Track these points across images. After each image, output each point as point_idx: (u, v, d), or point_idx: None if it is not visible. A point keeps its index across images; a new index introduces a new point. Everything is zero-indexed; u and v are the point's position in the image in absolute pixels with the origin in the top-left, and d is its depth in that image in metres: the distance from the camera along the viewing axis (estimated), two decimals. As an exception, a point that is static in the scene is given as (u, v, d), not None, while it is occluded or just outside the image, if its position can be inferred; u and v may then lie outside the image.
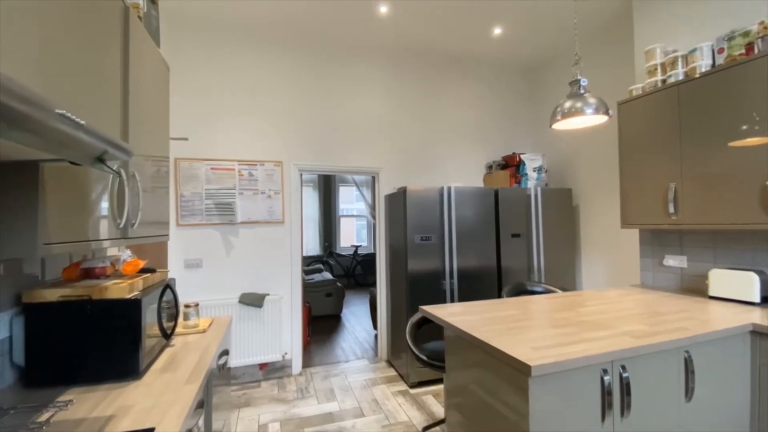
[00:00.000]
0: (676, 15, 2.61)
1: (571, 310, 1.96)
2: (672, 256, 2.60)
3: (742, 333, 1.70)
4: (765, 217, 1.90)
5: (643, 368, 1.45)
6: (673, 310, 1.93)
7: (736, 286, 2.10)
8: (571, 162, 3.87)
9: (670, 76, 2.38)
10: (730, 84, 2.03)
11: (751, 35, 2.05)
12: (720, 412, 1.63)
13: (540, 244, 3.51)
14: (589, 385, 1.35)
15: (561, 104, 1.99)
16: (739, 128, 2.00)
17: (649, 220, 2.46)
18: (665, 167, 2.36)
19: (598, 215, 3.56)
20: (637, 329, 1.59)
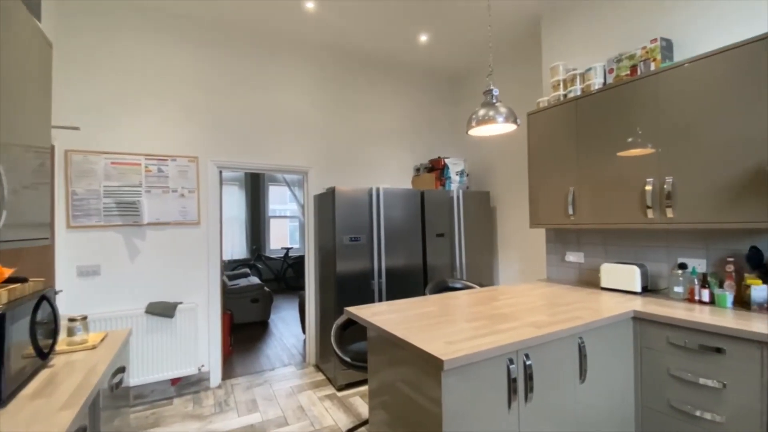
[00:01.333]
0: (577, 38, 2.93)
1: (486, 304, 2.09)
2: (572, 253, 2.91)
3: (626, 319, 1.95)
4: (644, 218, 2.20)
5: (544, 355, 1.58)
6: (571, 301, 2.15)
7: (622, 278, 2.40)
8: (490, 167, 4.15)
9: (571, 92, 2.66)
10: (618, 101, 2.33)
11: (635, 58, 2.37)
12: (609, 389, 1.85)
13: (462, 243, 3.70)
14: (497, 375, 1.43)
15: (476, 112, 2.10)
16: (626, 140, 2.29)
17: (553, 221, 2.72)
18: (566, 173, 2.63)
19: (512, 216, 3.86)
20: (540, 320, 1.74)
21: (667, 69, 2.09)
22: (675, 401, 1.81)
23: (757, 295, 1.88)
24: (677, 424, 1.80)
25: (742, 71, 1.80)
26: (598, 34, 2.77)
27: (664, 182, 2.09)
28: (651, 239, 2.44)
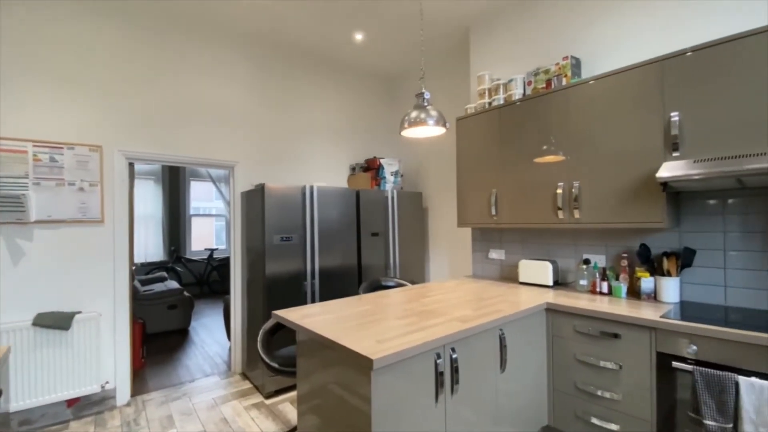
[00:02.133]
0: (501, 50, 3.13)
1: (416, 301, 2.13)
2: (495, 250, 3.11)
3: (540, 311, 2.12)
4: (556, 218, 2.42)
5: (469, 348, 1.66)
6: (494, 295, 2.29)
7: (537, 273, 2.62)
8: (422, 168, 4.28)
9: (495, 100, 2.84)
10: (536, 111, 2.53)
11: (550, 73, 2.60)
12: (526, 376, 2.00)
13: (396, 243, 3.76)
14: (425, 370, 1.46)
15: (408, 113, 2.14)
16: (541, 147, 2.50)
17: (478, 220, 2.88)
18: (490, 176, 2.80)
19: (443, 216, 4.02)
20: (465, 314, 1.82)
21: (575, 85, 2.32)
22: (580, 383, 2.01)
23: (645, 286, 2.17)
24: (582, 404, 2.01)
25: (635, 90, 2.07)
26: (520, 48, 3.00)
27: (572, 186, 2.32)
28: (561, 237, 2.70)
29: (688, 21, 2.14)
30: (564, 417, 2.08)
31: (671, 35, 2.20)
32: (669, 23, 2.21)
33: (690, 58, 1.87)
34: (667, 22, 2.22)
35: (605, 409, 1.92)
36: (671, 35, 2.20)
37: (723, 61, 1.78)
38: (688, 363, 1.65)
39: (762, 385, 1.44)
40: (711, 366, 1.60)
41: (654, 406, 1.76)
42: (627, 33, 2.39)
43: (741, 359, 1.53)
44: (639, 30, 2.33)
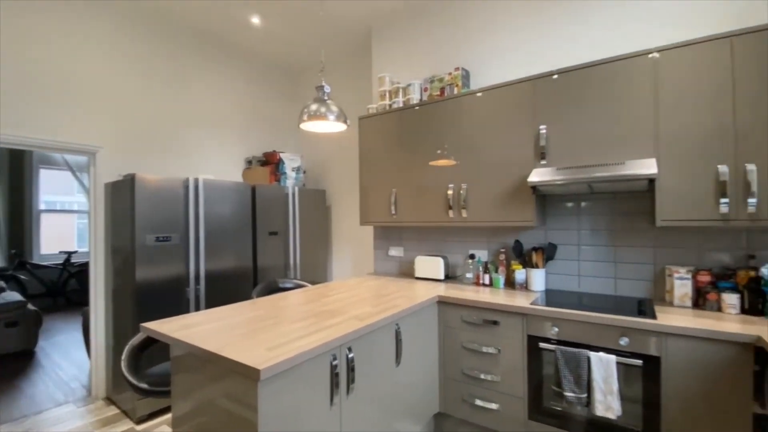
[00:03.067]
0: (401, 54, 3.23)
1: (316, 301, 2.05)
2: (394, 248, 3.20)
3: (432, 303, 2.23)
4: (447, 217, 2.58)
5: (366, 346, 1.65)
6: (392, 291, 2.34)
7: (431, 268, 2.77)
8: (326, 166, 4.20)
9: (395, 103, 2.91)
10: (432, 117, 2.66)
11: (444, 81, 2.76)
12: (419, 367, 2.08)
13: (296, 242, 3.61)
14: (320, 373, 1.40)
15: (308, 106, 2.06)
16: (436, 151, 2.64)
17: (379, 219, 2.92)
18: (390, 176, 2.86)
19: (346, 214, 4.00)
20: (364, 312, 1.81)
21: (464, 95, 2.51)
22: (466, 369, 2.18)
23: (518, 277, 2.45)
24: (468, 388, 2.17)
25: (512, 104, 2.32)
26: (417, 54, 3.13)
27: (461, 188, 2.51)
28: (452, 235, 2.90)
29: (559, 44, 2.48)
30: (453, 402, 2.23)
31: (546, 55, 2.53)
32: (545, 44, 2.54)
33: (556, 79, 2.17)
34: (544, 43, 2.54)
35: (487, 391, 2.11)
36: (546, 55, 2.53)
37: (580, 83, 2.10)
38: (552, 343, 1.91)
39: (608, 359, 1.73)
40: (569, 345, 1.87)
41: (526, 383, 1.99)
42: (510, 49, 2.67)
43: (591, 337, 1.83)
44: (520, 47, 2.63)
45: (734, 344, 1.51)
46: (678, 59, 1.84)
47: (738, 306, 1.78)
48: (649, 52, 1.90)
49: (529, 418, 1.98)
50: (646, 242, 2.16)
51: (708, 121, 1.76)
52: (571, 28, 2.42)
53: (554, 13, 2.48)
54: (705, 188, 1.77)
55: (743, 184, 1.68)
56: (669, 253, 2.09)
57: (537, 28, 2.55)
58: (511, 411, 2.03)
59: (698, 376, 1.58)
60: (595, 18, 2.34)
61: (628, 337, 1.72)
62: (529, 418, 1.98)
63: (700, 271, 1.92)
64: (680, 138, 1.83)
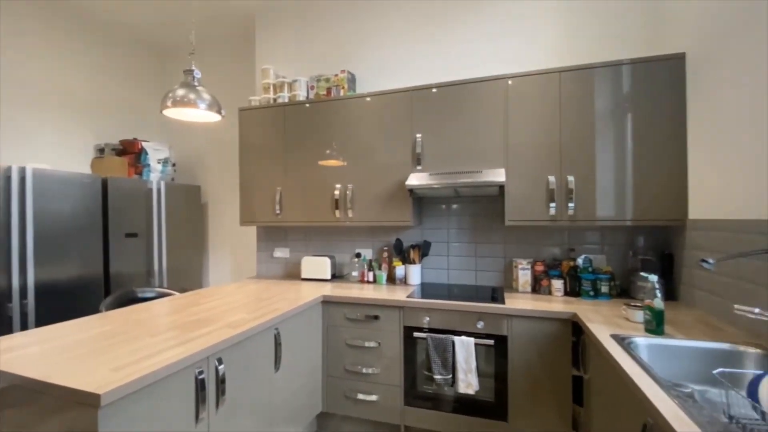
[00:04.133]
0: (287, 47, 3.13)
1: (182, 311, 1.85)
2: (280, 249, 3.09)
3: (316, 303, 2.22)
4: (334, 217, 2.60)
5: (240, 354, 1.55)
6: (274, 294, 2.25)
7: (317, 268, 2.75)
8: (202, 159, 3.81)
9: (280, 97, 2.81)
10: (320, 116, 2.64)
11: (330, 82, 2.76)
12: (302, 370, 2.04)
13: (162, 245, 3.19)
14: (183, 389, 1.27)
15: (174, 90, 1.84)
16: (325, 151, 2.63)
17: (263, 218, 2.79)
18: (274, 173, 2.75)
19: (226, 213, 3.70)
20: (239, 319, 1.70)
21: (351, 97, 2.57)
22: (349, 365, 2.23)
23: (398, 273, 2.61)
24: (350, 384, 2.22)
25: (394, 111, 2.46)
26: (304, 51, 3.08)
27: (347, 189, 2.56)
28: (339, 234, 2.93)
29: (435, 60, 2.72)
30: (336, 400, 2.26)
31: (424, 69, 2.75)
32: (424, 59, 2.75)
33: (431, 92, 2.38)
34: (423, 58, 2.75)
35: (368, 384, 2.19)
36: (424, 69, 2.75)
37: (450, 98, 2.34)
38: (424, 332, 2.09)
39: (468, 341, 1.97)
40: (438, 332, 2.07)
41: (402, 372, 2.13)
42: (393, 59, 2.82)
43: (456, 323, 2.05)
44: (402, 59, 2.80)
45: (558, 320, 1.88)
46: (523, 86, 2.20)
47: (562, 289, 2.22)
48: (504, 77, 2.23)
49: (405, 404, 2.12)
50: (498, 239, 2.53)
51: (542, 139, 2.16)
52: (447, 47, 2.68)
53: (434, 32, 2.71)
54: (540, 194, 2.15)
55: (566, 192, 2.11)
56: (515, 248, 2.49)
57: (419, 43, 2.75)
58: (389, 400, 2.15)
59: (534, 349, 1.92)
60: (466, 39, 2.64)
61: (483, 320, 1.99)
62: (405, 404, 2.13)
63: (537, 262, 2.34)
64: (522, 152, 2.19)
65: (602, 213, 2.06)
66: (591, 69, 2.08)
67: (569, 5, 2.41)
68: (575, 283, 2.19)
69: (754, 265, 1.41)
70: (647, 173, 1.99)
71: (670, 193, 1.95)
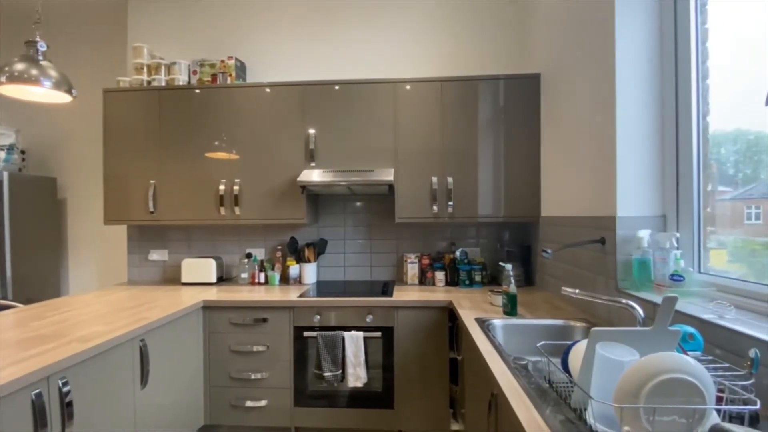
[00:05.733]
0: (166, 25, 2.81)
1: (22, 326, 1.54)
2: (156, 251, 2.76)
3: (196, 309, 2.05)
4: (218, 215, 2.42)
5: (93, 372, 1.35)
6: (143, 302, 2.01)
7: (201, 271, 2.54)
8: (59, 146, 3.20)
9: (155, 80, 2.51)
10: (205, 104, 2.43)
11: (215, 68, 2.56)
12: (178, 383, 1.86)
13: (5, 247, 2.60)
14: (15, 417, 1.05)
15: (10, 64, 1.51)
16: (213, 143, 2.43)
17: (133, 216, 2.46)
18: (148, 165, 2.45)
19: (90, 210, 3.17)
20: (93, 331, 1.48)
21: (239, 86, 2.42)
22: (234, 372, 2.10)
23: (292, 272, 2.56)
24: (237, 392, 2.10)
25: (287, 104, 2.39)
26: (186, 31, 2.79)
27: (234, 184, 2.41)
28: (227, 234, 2.75)
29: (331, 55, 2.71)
30: (220, 410, 2.11)
31: (318, 64, 2.71)
32: (318, 53, 2.71)
33: (324, 89, 2.37)
34: (317, 52, 2.72)
35: (256, 390, 2.10)
36: (318, 64, 2.71)
37: (345, 96, 2.36)
38: (314, 330, 2.08)
39: (357, 335, 2.02)
40: (329, 329, 2.08)
41: (292, 374, 2.09)
42: (285, 51, 2.73)
43: (347, 319, 2.08)
44: (296, 51, 2.73)
45: (438, 309, 2.04)
46: (411, 91, 2.33)
47: (444, 280, 2.42)
48: (393, 81, 2.33)
49: (295, 405, 2.09)
50: (391, 235, 2.65)
51: (426, 142, 2.32)
52: (341, 46, 2.70)
53: (328, 30, 2.70)
54: (424, 194, 2.32)
55: (446, 192, 2.30)
56: (405, 243, 2.64)
57: (313, 39, 2.71)
58: (278, 403, 2.09)
59: (418, 337, 2.06)
60: (355, 41, 2.69)
61: (373, 314, 2.07)
62: (294, 405, 2.09)
63: (423, 256, 2.51)
64: (409, 153, 2.33)
65: (479, 211, 2.30)
66: (470, 81, 2.30)
67: (453, 28, 2.63)
68: (454, 273, 2.41)
69: (584, 253, 1.72)
70: (515, 176, 2.28)
71: (530, 193, 2.28)
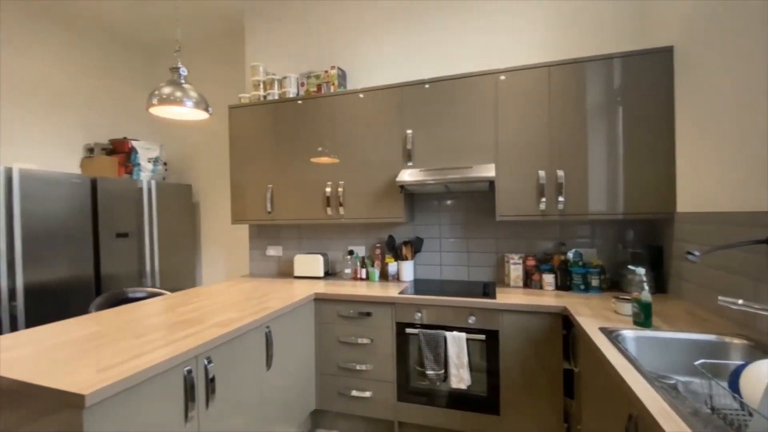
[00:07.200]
0: (277, 44, 3.10)
1: (171, 311, 1.84)
2: (272, 247, 3.08)
3: (309, 301, 2.22)
4: (325, 214, 2.59)
5: (229, 353, 1.55)
6: (266, 293, 2.24)
7: (310, 266, 2.75)
8: (193, 158, 3.78)
9: (270, 94, 2.79)
10: (310, 113, 2.62)
11: (320, 79, 2.75)
12: (294, 367, 2.04)
13: (154, 244, 3.16)
14: (171, 389, 1.26)
15: (160, 88, 1.82)
16: (316, 148, 2.62)
17: (254, 216, 2.77)
18: (265, 171, 2.73)
19: (218, 212, 3.68)
20: (228, 318, 1.70)
21: (341, 94, 2.55)
22: (341, 362, 2.23)
23: (391, 270, 2.61)
24: (344, 381, 2.23)
25: (384, 107, 2.45)
26: (294, 47, 3.05)
27: (338, 186, 2.55)
28: (332, 232, 2.93)
29: (425, 56, 2.71)
30: (329, 397, 2.26)
31: (414, 65, 2.73)
32: (413, 54, 2.73)
33: (422, 88, 2.37)
34: (413, 53, 2.74)
35: (361, 381, 2.20)
36: (414, 65, 2.73)
37: (441, 94, 2.33)
38: (416, 327, 2.09)
39: (460, 336, 1.98)
40: (430, 327, 2.08)
41: (395, 368, 2.14)
42: (383, 54, 2.80)
43: (448, 319, 2.05)
44: (392, 54, 2.78)
45: (549, 314, 1.89)
46: (512, 80, 2.19)
47: (553, 284, 2.23)
48: (494, 72, 2.22)
49: (398, 400, 2.13)
50: (490, 234, 2.53)
51: (532, 134, 2.16)
52: (435, 41, 2.67)
53: (425, 28, 2.70)
54: (530, 189, 2.16)
55: (555, 187, 2.11)
56: (507, 243, 2.50)
57: (410, 37, 2.74)
58: (382, 396, 2.16)
59: (526, 343, 1.93)
60: (453, 35, 2.63)
61: (475, 315, 2.00)
62: (398, 400, 2.13)
63: (528, 257, 2.35)
64: (512, 147, 2.19)
65: (593, 207, 2.07)
66: (581, 63, 2.08)
67: (556, 2, 2.41)
68: (566, 277, 2.20)
69: (740, 256, 1.42)
70: (637, 166, 2.00)
71: (659, 186, 1.96)
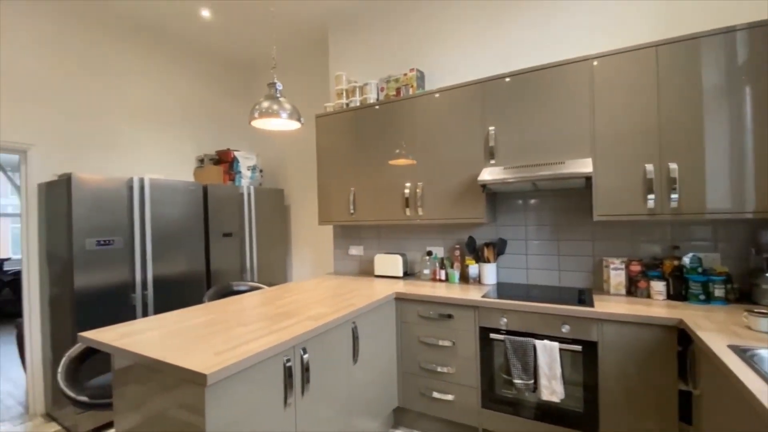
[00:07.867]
0: (358, 53, 3.24)
1: (270, 304, 2.02)
2: (354, 246, 3.21)
3: (390, 300, 2.27)
4: (404, 215, 2.62)
5: (321, 345, 1.65)
6: (350, 290, 2.35)
7: (390, 266, 2.80)
8: (283, 164, 4.12)
9: (352, 101, 2.91)
10: (389, 116, 2.69)
11: (399, 82, 2.79)
12: (378, 363, 2.10)
13: (253, 243, 3.51)
14: (272, 375, 1.39)
15: (259, 103, 2.01)
16: (394, 151, 2.67)
17: (338, 218, 2.92)
18: (348, 174, 2.86)
19: (306, 214, 3.95)
20: (320, 312, 1.81)
21: (419, 95, 2.56)
22: (423, 362, 2.23)
23: (472, 272, 2.54)
24: (425, 381, 2.23)
25: (464, 105, 2.40)
26: (374, 54, 3.15)
27: (417, 187, 2.56)
28: (410, 232, 2.95)
29: (505, 48, 2.59)
30: (411, 396, 2.28)
31: (493, 59, 2.63)
32: (492, 48, 2.64)
33: (503, 82, 2.27)
34: (491, 48, 2.64)
35: (443, 383, 2.18)
36: (493, 59, 2.63)
37: (525, 87, 2.21)
38: (501, 333, 2.00)
39: (552, 346, 1.85)
40: (517, 334, 1.97)
41: (479, 373, 2.07)
42: (461, 52, 2.75)
43: (537, 326, 1.93)
44: (470, 51, 2.72)
45: (660, 327, 1.66)
46: (611, 66, 1.98)
47: (664, 292, 1.96)
48: (587, 59, 2.04)
49: (483, 407, 2.06)
50: (585, 236, 2.31)
51: (636, 124, 1.92)
52: (518, 32, 2.54)
53: (502, 19, 2.58)
54: (635, 185, 1.92)
55: (667, 182, 1.85)
56: (605, 246, 2.26)
57: (488, 29, 2.65)
58: (465, 401, 2.11)
59: (630, 358, 1.72)
60: (539, 23, 2.47)
61: (569, 324, 1.84)
62: (482, 407, 2.06)
63: (632, 262, 2.09)
64: (613, 139, 1.98)
65: (714, 205, 1.77)
66: (695, 39, 1.80)
67: (667, -32, 2.11)
68: (681, 285, 1.92)
69: None
70: (777, 156, 1.66)
71: (812, 179, 1.61)
